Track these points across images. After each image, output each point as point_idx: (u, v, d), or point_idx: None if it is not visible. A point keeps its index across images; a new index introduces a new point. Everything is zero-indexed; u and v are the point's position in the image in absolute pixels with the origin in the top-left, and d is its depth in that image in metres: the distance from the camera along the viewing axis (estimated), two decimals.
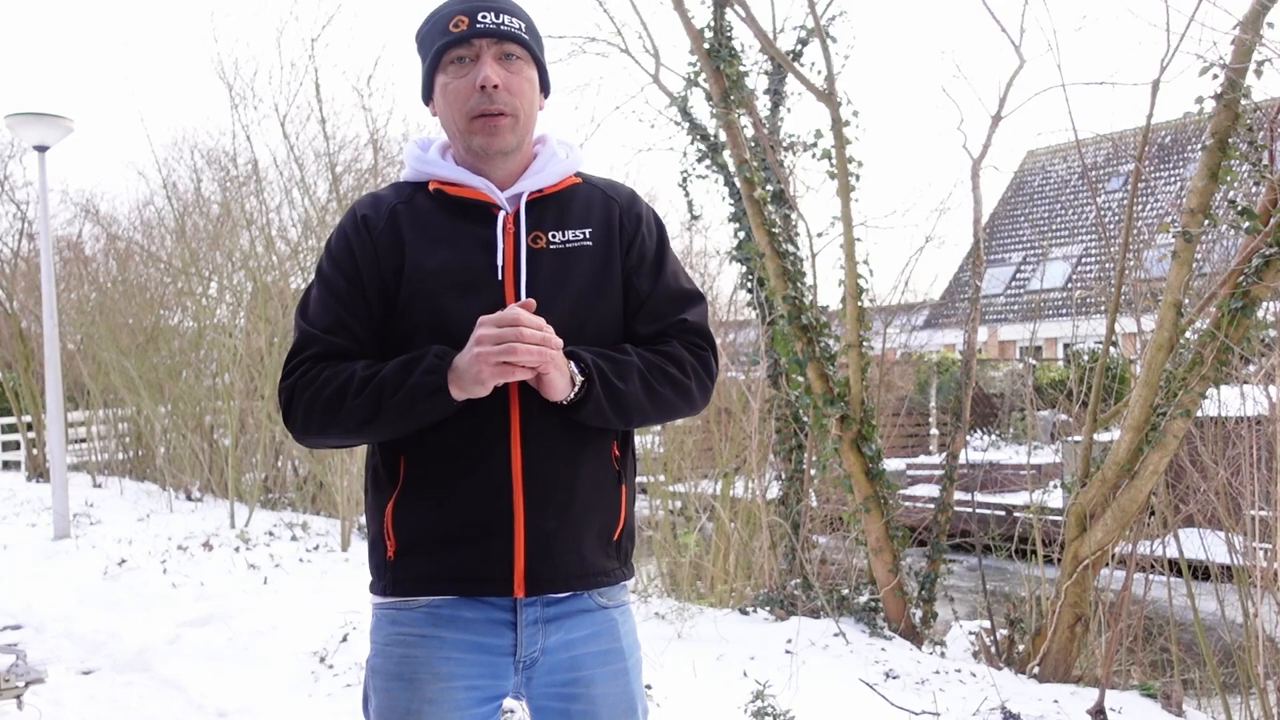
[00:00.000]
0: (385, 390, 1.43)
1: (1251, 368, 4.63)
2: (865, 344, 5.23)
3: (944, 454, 6.24)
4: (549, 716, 1.57)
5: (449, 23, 1.51)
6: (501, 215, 1.53)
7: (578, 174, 1.63)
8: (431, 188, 1.56)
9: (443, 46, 1.51)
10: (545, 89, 1.61)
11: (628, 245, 1.60)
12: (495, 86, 1.49)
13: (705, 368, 1.61)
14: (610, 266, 1.58)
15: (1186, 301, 4.21)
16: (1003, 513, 9.28)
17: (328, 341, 1.51)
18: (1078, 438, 5.59)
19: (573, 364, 1.45)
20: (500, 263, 1.51)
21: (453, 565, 1.50)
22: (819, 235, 5.83)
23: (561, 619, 1.55)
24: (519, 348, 1.37)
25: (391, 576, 1.53)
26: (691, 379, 1.58)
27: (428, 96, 1.58)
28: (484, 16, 1.50)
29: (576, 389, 1.45)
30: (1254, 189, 4.36)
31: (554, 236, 1.55)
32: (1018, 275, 25.77)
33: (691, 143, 6.80)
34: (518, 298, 1.50)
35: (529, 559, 1.49)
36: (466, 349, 1.41)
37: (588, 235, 1.57)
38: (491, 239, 1.52)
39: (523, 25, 1.53)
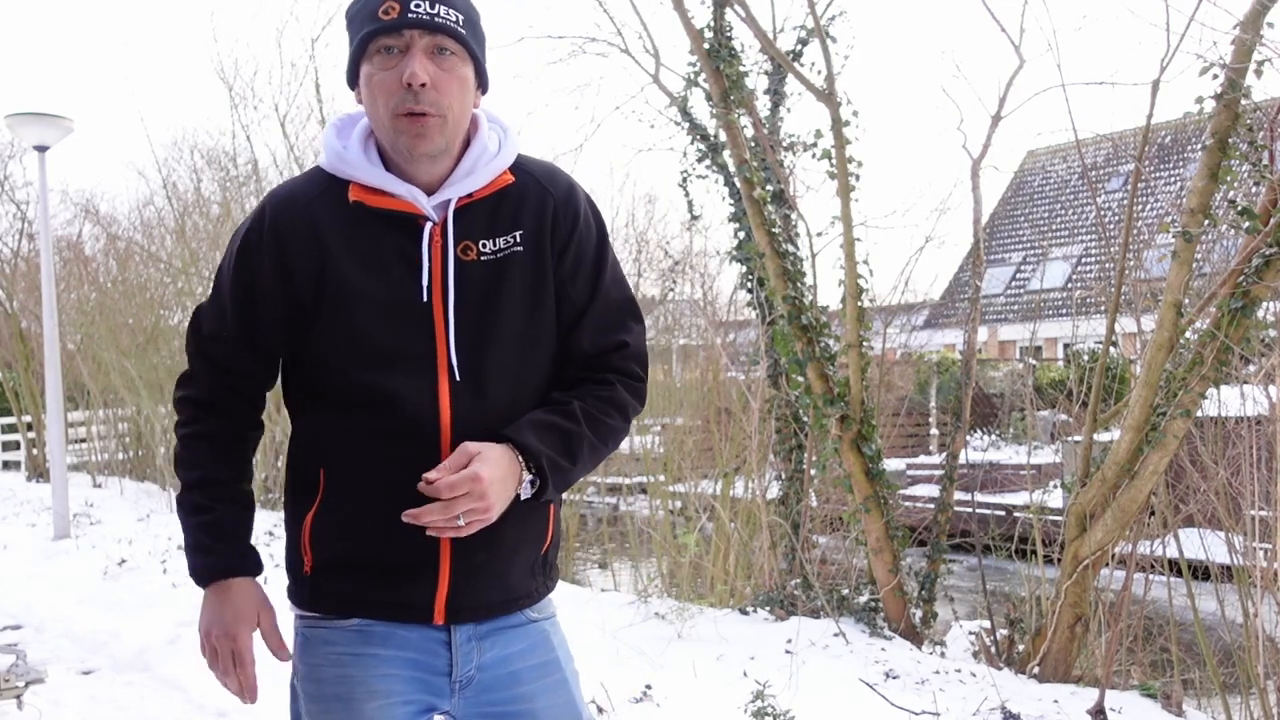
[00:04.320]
0: (185, 530, 1.52)
1: (1251, 368, 4.63)
2: (865, 344, 5.23)
3: (944, 454, 6.24)
4: None
5: (379, 8, 1.38)
6: (428, 227, 1.43)
7: (514, 165, 1.51)
8: (351, 199, 1.43)
9: (369, 34, 1.38)
10: (484, 86, 1.49)
11: (561, 249, 1.50)
12: (423, 85, 1.36)
13: (639, 399, 1.57)
14: (542, 269, 1.48)
15: (1186, 301, 4.21)
16: (1003, 513, 9.28)
17: (214, 380, 1.52)
18: (1078, 438, 5.59)
19: (524, 467, 1.40)
20: (426, 282, 1.42)
21: (371, 591, 1.45)
22: (819, 235, 5.83)
23: (494, 634, 1.50)
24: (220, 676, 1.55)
25: (309, 590, 1.50)
26: (629, 420, 1.55)
27: (353, 82, 1.45)
28: (417, 5, 1.37)
29: (530, 488, 1.41)
30: (1254, 189, 4.36)
31: (484, 246, 1.45)
32: (1018, 275, 25.76)
33: (691, 143, 6.80)
34: (446, 317, 1.43)
35: (452, 591, 1.45)
36: (206, 623, 1.53)
37: (519, 239, 1.47)
38: (416, 255, 1.42)
39: (460, 18, 1.40)
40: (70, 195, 25.28)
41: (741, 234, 6.42)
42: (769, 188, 5.81)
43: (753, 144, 5.69)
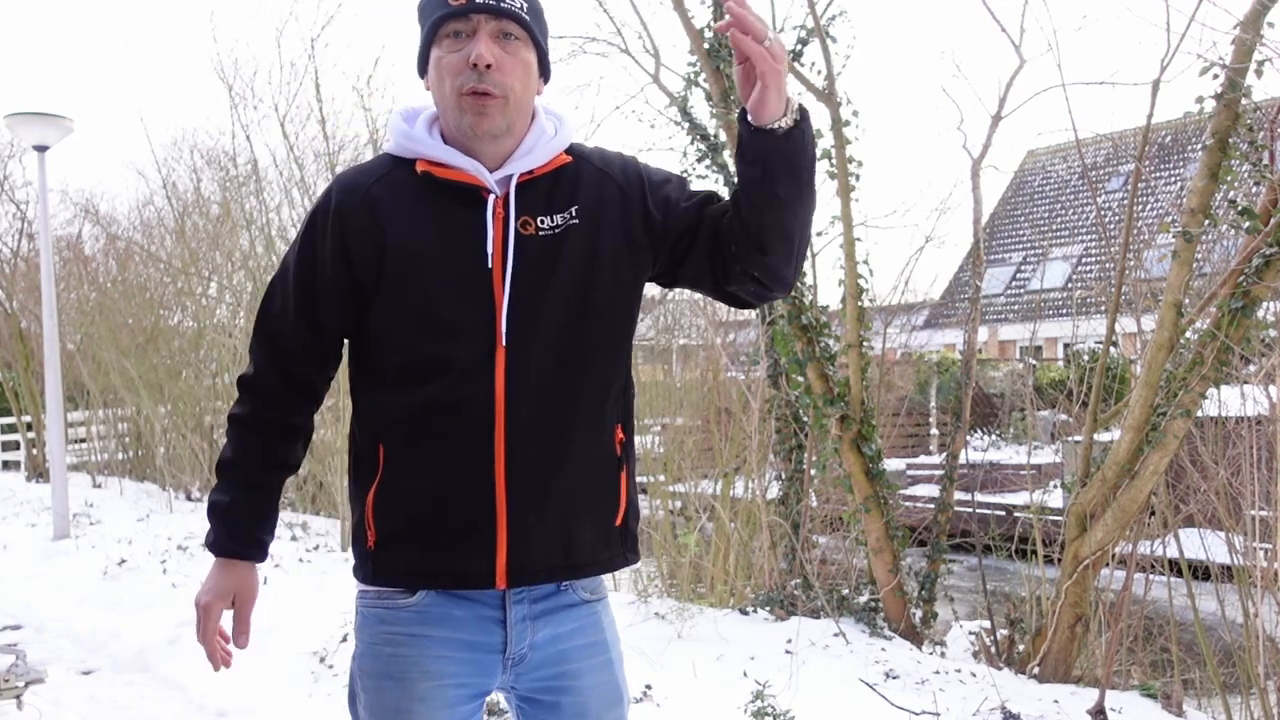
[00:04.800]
0: (213, 494, 1.61)
1: (1251, 368, 4.63)
2: (865, 344, 5.23)
3: (944, 454, 6.24)
4: (540, 710, 1.58)
5: None
6: (491, 199, 1.49)
7: (570, 148, 1.58)
8: (419, 169, 1.51)
9: (440, 19, 1.47)
10: (545, 74, 1.56)
11: (643, 208, 1.56)
12: (488, 66, 1.44)
13: None
14: (600, 245, 1.53)
15: (1186, 301, 4.21)
16: (1003, 513, 9.27)
17: (270, 360, 1.58)
18: (1078, 438, 5.59)
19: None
20: (490, 250, 1.48)
21: (432, 558, 1.50)
22: (819, 235, 5.83)
23: (548, 614, 1.55)
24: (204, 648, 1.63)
25: (373, 566, 1.55)
26: None
27: (423, 69, 1.53)
28: None
29: (791, 113, 1.40)
30: (1254, 189, 4.36)
31: (543, 222, 1.51)
32: (1018, 275, 25.76)
33: (691, 143, 6.79)
34: (504, 286, 1.48)
35: (511, 553, 1.48)
36: (203, 594, 1.62)
37: (574, 214, 1.53)
38: (480, 224, 1.49)
39: (525, 5, 1.49)
40: (70, 195, 25.34)
41: None
42: None
43: None
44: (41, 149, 8.80)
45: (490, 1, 1.45)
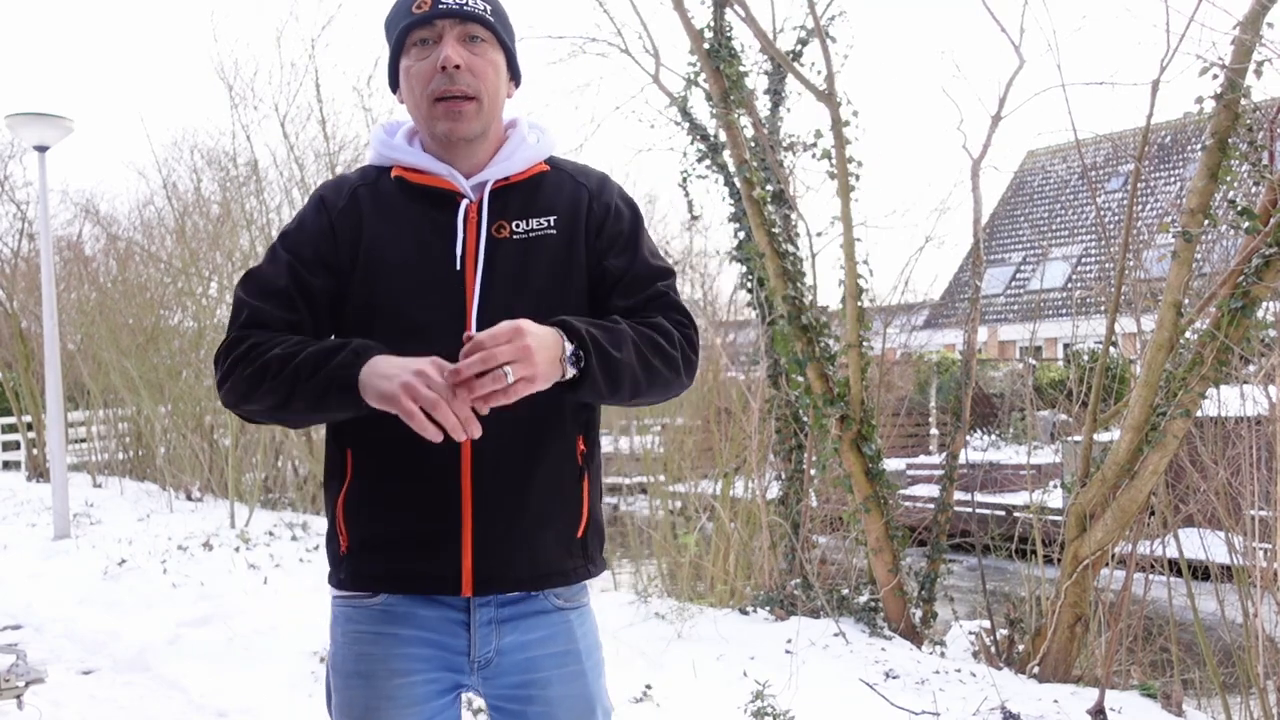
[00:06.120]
0: (300, 375, 1.36)
1: (1251, 368, 4.63)
2: (865, 344, 5.23)
3: (944, 454, 6.24)
4: (507, 718, 1.57)
5: (412, 4, 1.48)
6: (464, 204, 1.50)
7: (549, 159, 1.59)
8: (395, 174, 1.53)
9: (405, 28, 1.48)
10: (516, 78, 1.57)
11: (596, 230, 1.55)
12: (457, 67, 1.44)
13: (689, 343, 1.55)
14: (574, 255, 1.53)
15: (1186, 301, 4.21)
16: (1003, 513, 9.27)
17: (261, 309, 1.46)
18: (1078, 438, 5.59)
19: (566, 339, 1.36)
20: (460, 252, 1.48)
21: (401, 565, 1.49)
22: (819, 235, 5.84)
23: (516, 620, 1.53)
24: (420, 418, 1.28)
25: (346, 572, 1.53)
26: (678, 351, 1.51)
27: (394, 83, 1.54)
28: None
29: (573, 366, 1.35)
30: (1254, 189, 4.36)
31: (517, 226, 1.51)
32: (1018, 275, 25.75)
33: (691, 143, 6.79)
34: (475, 289, 1.47)
35: (477, 561, 1.48)
36: (396, 370, 1.30)
37: (552, 223, 1.53)
38: (452, 227, 1.49)
39: (488, 8, 1.49)
40: (70, 195, 25.30)
41: (741, 234, 6.42)
42: (769, 188, 5.81)
43: (753, 144, 5.69)
44: (41, 149, 8.81)
45: (453, 6, 1.46)
